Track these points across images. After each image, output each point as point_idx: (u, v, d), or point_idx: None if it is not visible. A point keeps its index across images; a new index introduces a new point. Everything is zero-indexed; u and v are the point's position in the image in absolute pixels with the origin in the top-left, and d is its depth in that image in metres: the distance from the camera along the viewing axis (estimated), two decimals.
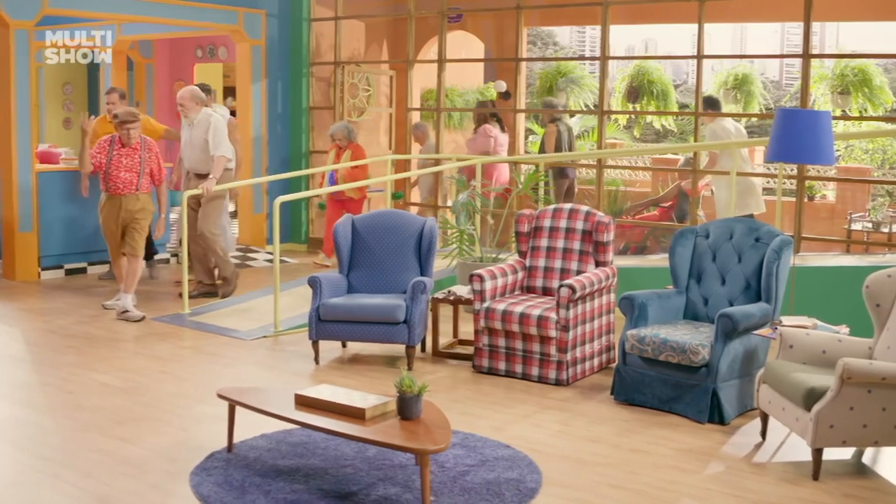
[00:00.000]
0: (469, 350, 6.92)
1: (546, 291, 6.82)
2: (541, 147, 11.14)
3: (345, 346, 7.20)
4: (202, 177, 8.66)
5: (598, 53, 9.77)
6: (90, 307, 8.42)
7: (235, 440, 4.98)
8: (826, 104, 11.82)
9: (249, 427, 5.14)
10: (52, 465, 4.81)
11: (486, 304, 6.51)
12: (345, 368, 6.73)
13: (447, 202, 11.16)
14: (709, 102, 9.72)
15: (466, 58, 13.94)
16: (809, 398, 4.71)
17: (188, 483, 4.55)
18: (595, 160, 10.02)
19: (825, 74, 11.95)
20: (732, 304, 5.99)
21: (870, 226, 11.85)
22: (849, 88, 11.80)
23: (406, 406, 4.42)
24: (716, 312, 5.67)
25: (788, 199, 8.67)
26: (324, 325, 6.68)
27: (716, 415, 5.55)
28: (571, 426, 5.53)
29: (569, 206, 7.01)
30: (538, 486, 4.57)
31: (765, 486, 4.67)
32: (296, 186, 11.31)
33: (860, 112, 11.83)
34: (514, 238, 7.18)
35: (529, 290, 6.92)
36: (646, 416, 5.69)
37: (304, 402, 4.62)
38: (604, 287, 6.57)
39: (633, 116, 15.07)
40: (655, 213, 11.66)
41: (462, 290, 7.05)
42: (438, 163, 10.68)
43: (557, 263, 6.83)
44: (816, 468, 4.73)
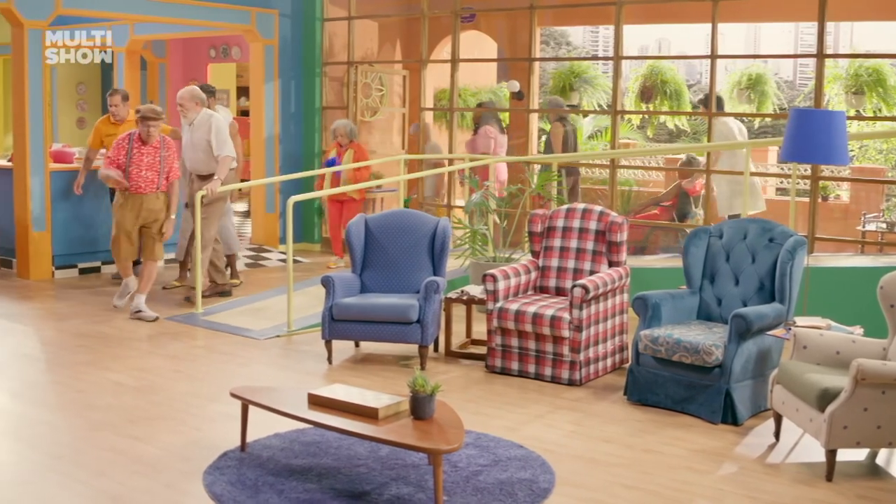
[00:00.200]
0: (482, 350, 6.92)
1: (559, 291, 6.81)
2: (546, 146, 11.11)
3: (358, 346, 7.20)
4: (204, 178, 8.55)
5: (612, 53, 9.76)
6: (103, 306, 8.43)
7: (249, 439, 4.98)
8: (840, 104, 11.75)
9: (262, 426, 5.14)
10: (65, 464, 4.82)
11: (499, 304, 6.51)
12: (358, 368, 6.73)
13: (453, 201, 11.13)
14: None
15: (479, 58, 13.92)
16: (823, 399, 4.69)
17: (201, 482, 4.56)
18: (608, 160, 10.00)
19: (839, 74, 11.88)
20: (746, 305, 5.97)
21: (884, 226, 11.80)
22: (863, 88, 11.72)
23: (419, 406, 4.42)
24: (729, 313, 5.66)
25: (802, 200, 8.63)
26: (337, 325, 6.69)
27: (729, 415, 5.54)
28: (584, 426, 5.52)
29: (582, 207, 7.00)
30: (551, 487, 4.57)
31: (778, 487, 4.65)
32: (309, 186, 11.30)
33: (874, 112, 11.75)
34: (527, 238, 7.18)
35: (542, 290, 6.91)
36: (659, 417, 5.68)
37: (318, 402, 4.62)
38: (617, 287, 6.56)
39: (647, 116, 15.02)
40: (656, 213, 11.63)
41: (475, 290, 7.04)
42: (451, 162, 10.68)
43: (570, 263, 6.82)
44: (830, 469, 4.71)
